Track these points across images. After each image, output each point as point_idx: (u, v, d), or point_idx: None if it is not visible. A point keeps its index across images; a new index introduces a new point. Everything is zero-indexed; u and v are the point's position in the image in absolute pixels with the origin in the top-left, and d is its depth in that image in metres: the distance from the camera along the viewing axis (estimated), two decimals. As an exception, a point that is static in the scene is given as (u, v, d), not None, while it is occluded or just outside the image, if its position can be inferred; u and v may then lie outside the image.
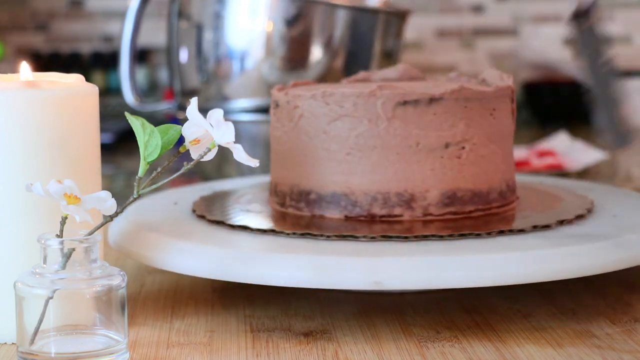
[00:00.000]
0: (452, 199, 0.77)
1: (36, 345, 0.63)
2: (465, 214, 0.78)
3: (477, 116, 0.78)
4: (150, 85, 2.03)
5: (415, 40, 2.05)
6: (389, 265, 0.67)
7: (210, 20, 1.21)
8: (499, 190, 0.80)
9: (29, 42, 2.06)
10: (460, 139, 0.77)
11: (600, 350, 0.65)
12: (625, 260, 0.71)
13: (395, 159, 0.77)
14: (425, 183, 0.77)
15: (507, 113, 0.81)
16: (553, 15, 2.12)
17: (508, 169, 0.81)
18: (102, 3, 2.06)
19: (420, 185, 0.77)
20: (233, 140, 0.65)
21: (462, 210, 0.78)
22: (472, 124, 0.78)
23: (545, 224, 0.74)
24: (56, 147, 0.67)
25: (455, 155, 0.77)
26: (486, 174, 0.79)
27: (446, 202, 0.77)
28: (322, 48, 1.19)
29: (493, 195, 0.79)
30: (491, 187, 0.79)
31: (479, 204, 0.78)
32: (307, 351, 0.67)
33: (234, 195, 0.89)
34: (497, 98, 0.79)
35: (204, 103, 1.09)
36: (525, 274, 0.67)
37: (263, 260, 0.69)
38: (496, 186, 0.79)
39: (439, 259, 0.67)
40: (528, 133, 1.80)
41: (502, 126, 0.80)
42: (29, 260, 0.66)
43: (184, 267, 0.72)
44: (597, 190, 0.90)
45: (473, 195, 0.78)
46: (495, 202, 0.79)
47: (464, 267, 0.67)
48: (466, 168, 0.78)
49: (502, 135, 0.80)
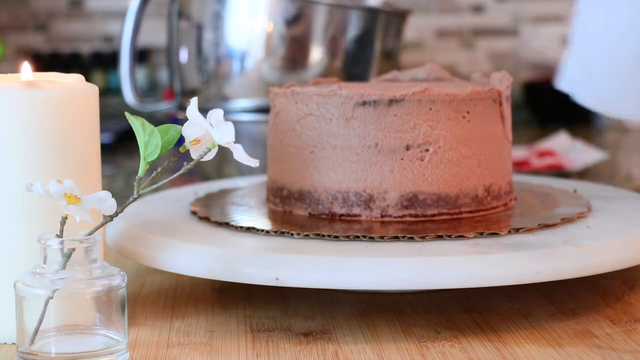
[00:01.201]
0: (412, 201, 0.77)
1: (36, 345, 0.63)
2: (427, 217, 0.78)
3: (444, 119, 0.77)
4: (150, 85, 2.03)
5: (415, 40, 2.05)
6: (389, 265, 0.67)
7: (210, 20, 1.21)
8: (473, 194, 0.79)
9: (29, 42, 2.06)
10: (423, 141, 0.77)
11: (600, 350, 0.65)
12: (625, 260, 0.71)
13: (355, 158, 0.77)
14: (384, 184, 0.77)
15: (491, 117, 0.80)
16: (553, 15, 2.12)
17: (489, 173, 0.80)
18: (102, 3, 2.06)
19: (378, 186, 0.77)
20: (233, 140, 0.65)
21: (423, 213, 0.78)
22: (437, 126, 0.77)
23: (491, 232, 0.73)
24: (56, 147, 0.67)
25: (418, 157, 0.77)
26: (455, 177, 0.78)
27: (405, 204, 0.77)
28: (322, 48, 1.19)
29: (464, 200, 0.78)
30: (461, 191, 0.78)
31: (444, 207, 0.78)
32: (307, 351, 0.67)
33: (233, 194, 0.90)
34: (474, 101, 0.79)
35: (204, 103, 1.09)
36: (525, 274, 0.67)
37: (263, 260, 0.69)
38: (469, 191, 0.79)
39: (435, 259, 0.67)
40: (528, 133, 1.80)
41: (481, 130, 0.79)
42: (29, 260, 0.66)
43: (184, 267, 0.72)
44: (594, 190, 0.90)
45: (438, 199, 0.77)
46: (466, 206, 0.78)
47: (465, 267, 0.67)
48: (429, 171, 0.77)
49: (479, 139, 0.79)
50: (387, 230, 0.74)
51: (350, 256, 0.68)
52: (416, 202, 0.77)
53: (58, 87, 0.68)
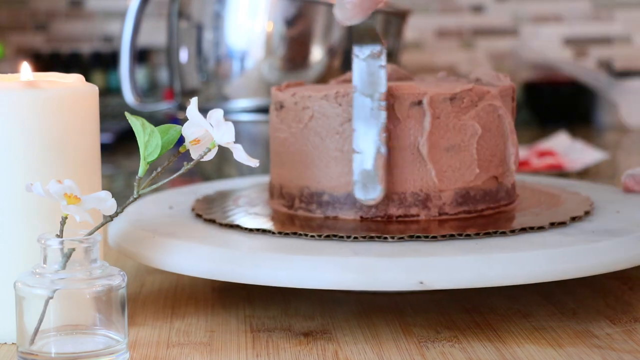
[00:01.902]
0: (465, 197, 0.77)
1: (36, 345, 0.63)
2: (478, 212, 0.78)
3: (485, 115, 0.78)
4: (150, 85, 2.03)
5: (415, 40, 2.05)
6: (389, 265, 0.67)
7: (210, 20, 1.21)
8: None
9: (29, 42, 2.06)
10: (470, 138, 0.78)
11: (600, 350, 0.65)
12: (626, 260, 0.70)
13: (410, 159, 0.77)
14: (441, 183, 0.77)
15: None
16: (553, 15, 2.12)
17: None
18: (102, 3, 2.06)
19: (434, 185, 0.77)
20: (233, 140, 0.65)
21: (474, 209, 0.78)
22: (479, 123, 0.78)
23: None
24: (56, 147, 0.67)
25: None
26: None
27: (459, 201, 0.77)
28: (322, 48, 1.19)
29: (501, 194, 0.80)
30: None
31: (490, 202, 0.79)
32: (307, 351, 0.67)
33: (235, 195, 0.89)
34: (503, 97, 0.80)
35: (204, 103, 1.09)
36: (525, 274, 0.67)
37: (263, 260, 0.69)
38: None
39: (438, 259, 0.67)
40: (528, 133, 1.80)
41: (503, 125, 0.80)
42: (29, 260, 0.66)
43: (184, 267, 0.71)
44: (597, 190, 0.90)
45: (484, 194, 0.79)
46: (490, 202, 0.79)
47: (465, 267, 0.67)
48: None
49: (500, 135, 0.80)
50: (447, 229, 0.74)
51: (350, 256, 0.68)
52: (468, 199, 0.78)
53: (58, 87, 0.68)
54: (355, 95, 0.75)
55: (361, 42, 0.75)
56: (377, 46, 0.75)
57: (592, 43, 2.12)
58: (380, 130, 0.74)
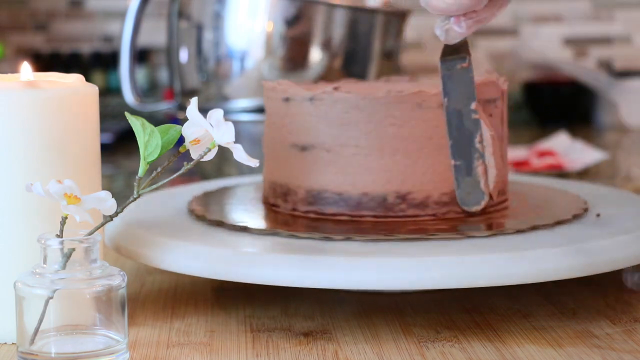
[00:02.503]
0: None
1: (36, 345, 0.63)
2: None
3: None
4: (150, 85, 2.03)
5: (415, 40, 2.05)
6: (389, 265, 0.67)
7: (210, 20, 1.21)
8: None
9: (29, 42, 2.06)
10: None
11: (600, 350, 0.65)
12: (625, 260, 0.70)
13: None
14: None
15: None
16: (553, 15, 2.12)
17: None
18: (102, 3, 2.06)
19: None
20: (233, 140, 0.65)
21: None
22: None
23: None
24: (56, 147, 0.67)
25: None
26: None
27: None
28: (321, 48, 1.19)
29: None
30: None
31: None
32: (307, 351, 0.67)
33: (234, 195, 0.89)
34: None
35: (204, 103, 1.09)
36: (525, 274, 0.67)
37: (263, 260, 0.69)
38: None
39: (438, 259, 0.67)
40: (528, 133, 1.80)
41: None
42: (29, 260, 0.66)
43: (184, 267, 0.71)
44: (593, 190, 0.90)
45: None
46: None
47: (464, 267, 0.67)
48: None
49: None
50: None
51: (350, 256, 0.68)
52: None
53: (58, 87, 0.68)
54: (449, 107, 0.76)
55: (451, 55, 0.78)
56: (465, 58, 0.78)
57: (592, 43, 2.12)
58: (477, 139, 0.75)
